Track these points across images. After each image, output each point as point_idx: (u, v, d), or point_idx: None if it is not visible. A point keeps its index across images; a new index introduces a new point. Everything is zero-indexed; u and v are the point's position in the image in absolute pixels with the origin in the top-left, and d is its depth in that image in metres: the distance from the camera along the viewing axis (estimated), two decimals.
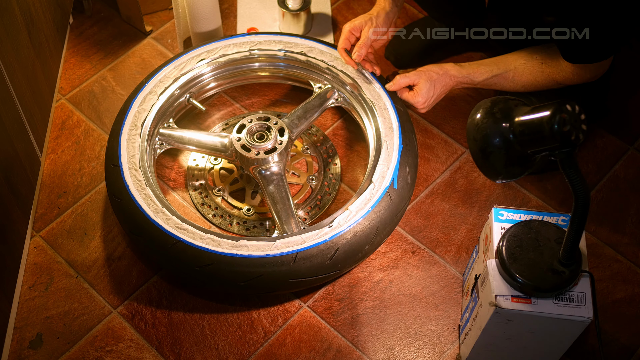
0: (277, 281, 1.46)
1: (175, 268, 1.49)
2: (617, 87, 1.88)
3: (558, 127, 1.11)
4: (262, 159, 1.60)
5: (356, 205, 1.52)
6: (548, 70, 1.53)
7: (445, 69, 1.58)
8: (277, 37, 1.78)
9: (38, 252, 1.64)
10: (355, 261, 1.53)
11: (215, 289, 1.57)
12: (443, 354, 1.53)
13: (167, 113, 1.71)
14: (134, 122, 1.63)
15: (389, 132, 1.62)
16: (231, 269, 1.45)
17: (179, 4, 1.86)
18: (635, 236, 1.68)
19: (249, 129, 1.63)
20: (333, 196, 1.73)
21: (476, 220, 1.70)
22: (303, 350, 1.52)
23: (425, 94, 1.58)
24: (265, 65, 1.80)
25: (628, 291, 1.60)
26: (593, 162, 1.79)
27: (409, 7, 2.06)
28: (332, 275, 1.51)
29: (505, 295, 1.28)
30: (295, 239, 1.48)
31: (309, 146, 1.80)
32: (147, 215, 1.50)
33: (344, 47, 1.66)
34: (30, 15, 1.69)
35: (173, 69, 1.72)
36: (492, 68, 1.56)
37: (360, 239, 1.50)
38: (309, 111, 1.71)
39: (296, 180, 1.75)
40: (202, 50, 1.75)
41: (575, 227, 1.19)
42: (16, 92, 1.59)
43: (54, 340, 1.53)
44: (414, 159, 1.61)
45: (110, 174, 1.57)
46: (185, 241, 1.46)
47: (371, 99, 1.67)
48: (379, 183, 1.55)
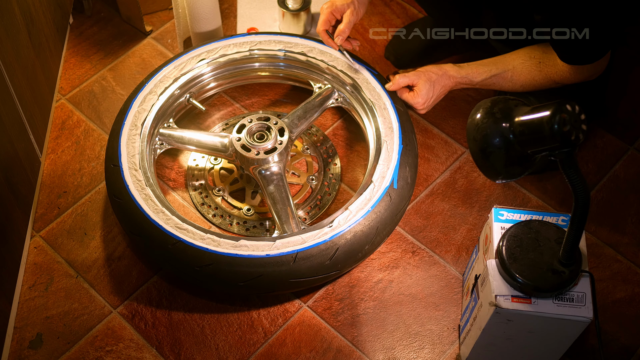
0: (277, 281, 1.46)
1: (175, 268, 1.49)
2: (617, 87, 1.88)
3: (558, 127, 1.11)
4: (262, 159, 1.60)
5: (356, 205, 1.52)
6: (546, 69, 1.53)
7: (444, 69, 1.58)
8: (277, 37, 1.78)
9: (38, 252, 1.64)
10: (355, 261, 1.53)
11: (215, 289, 1.57)
12: (443, 354, 1.53)
13: (167, 113, 1.71)
14: (134, 122, 1.63)
15: (389, 132, 1.62)
16: (231, 269, 1.45)
17: (179, 4, 1.86)
18: (635, 236, 1.68)
19: (249, 129, 1.63)
20: (333, 196, 1.73)
21: (476, 220, 1.70)
22: (303, 350, 1.53)
23: (424, 94, 1.59)
24: (265, 65, 1.80)
25: (628, 291, 1.60)
26: (593, 162, 1.78)
27: (409, 7, 2.06)
28: (332, 275, 1.51)
29: (505, 295, 1.28)
30: (295, 239, 1.48)
31: (309, 146, 1.80)
32: (147, 215, 1.50)
33: (325, 28, 1.68)
34: (30, 15, 1.69)
35: (173, 69, 1.72)
36: (490, 68, 1.57)
37: (360, 239, 1.50)
38: (309, 111, 1.71)
39: (296, 180, 1.75)
40: (202, 50, 1.75)
41: (575, 227, 1.19)
42: (16, 92, 1.59)
43: (54, 340, 1.53)
44: (414, 159, 1.61)
45: (110, 174, 1.57)
46: (185, 241, 1.46)
47: (371, 99, 1.67)
48: (379, 183, 1.55)
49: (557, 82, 1.54)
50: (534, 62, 1.53)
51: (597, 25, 1.41)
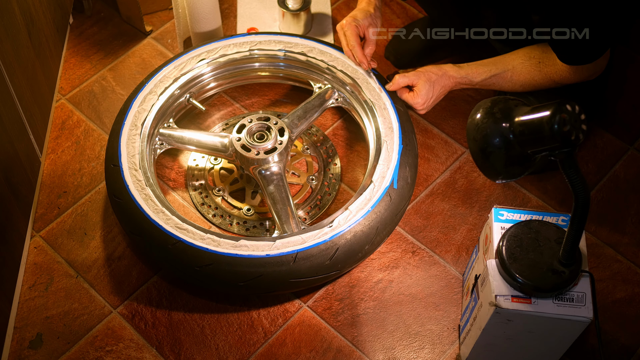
0: (277, 281, 1.46)
1: (175, 268, 1.49)
2: (617, 87, 1.88)
3: (558, 127, 1.11)
4: (262, 159, 1.60)
5: (356, 205, 1.52)
6: (545, 69, 1.53)
7: (444, 69, 1.59)
8: (277, 37, 1.78)
9: (38, 252, 1.64)
10: (355, 261, 1.53)
11: (216, 289, 1.57)
12: (443, 354, 1.53)
13: (167, 113, 1.71)
14: (134, 122, 1.63)
15: (389, 132, 1.62)
16: (231, 269, 1.45)
17: (179, 4, 1.86)
18: (635, 236, 1.68)
19: (249, 129, 1.63)
20: (333, 196, 1.73)
21: (476, 220, 1.70)
22: (303, 350, 1.52)
23: (424, 95, 1.59)
24: (265, 65, 1.80)
25: (628, 291, 1.60)
26: (593, 162, 1.79)
27: (409, 7, 2.06)
28: (332, 275, 1.51)
29: (505, 295, 1.28)
30: (295, 239, 1.48)
31: (309, 146, 1.80)
32: (147, 215, 1.50)
33: (359, 43, 1.65)
34: (30, 15, 1.69)
35: (173, 69, 1.72)
36: (490, 68, 1.57)
37: (360, 239, 1.50)
38: (308, 111, 1.71)
39: (296, 180, 1.75)
40: (202, 50, 1.75)
41: (575, 227, 1.19)
42: (16, 92, 1.59)
43: (54, 340, 1.53)
44: (414, 159, 1.61)
45: (110, 174, 1.57)
46: (185, 241, 1.46)
47: (371, 99, 1.67)
48: (379, 183, 1.55)
49: (556, 82, 1.54)
50: (534, 62, 1.54)
51: (594, 25, 1.41)
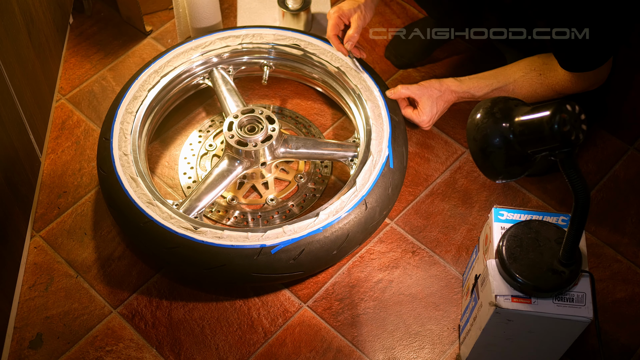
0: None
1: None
2: (617, 87, 1.88)
3: (558, 127, 1.11)
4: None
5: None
6: (547, 80, 1.53)
7: (446, 84, 1.59)
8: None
9: (38, 252, 1.64)
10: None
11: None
12: (443, 354, 1.53)
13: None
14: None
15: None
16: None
17: (179, 4, 1.86)
18: (635, 236, 1.68)
19: (240, 122, 1.64)
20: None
21: (476, 220, 1.70)
22: (303, 350, 1.53)
23: (428, 112, 1.61)
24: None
25: (628, 291, 1.60)
26: (593, 162, 1.79)
27: (409, 7, 2.06)
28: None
29: (505, 295, 1.28)
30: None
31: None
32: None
33: (335, 33, 1.69)
34: (30, 15, 1.69)
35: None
36: (491, 82, 1.57)
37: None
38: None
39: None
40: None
41: (575, 227, 1.19)
42: (16, 92, 1.59)
43: (54, 340, 1.53)
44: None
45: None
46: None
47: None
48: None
49: (558, 92, 1.54)
50: (535, 74, 1.54)
51: (598, 32, 1.40)
